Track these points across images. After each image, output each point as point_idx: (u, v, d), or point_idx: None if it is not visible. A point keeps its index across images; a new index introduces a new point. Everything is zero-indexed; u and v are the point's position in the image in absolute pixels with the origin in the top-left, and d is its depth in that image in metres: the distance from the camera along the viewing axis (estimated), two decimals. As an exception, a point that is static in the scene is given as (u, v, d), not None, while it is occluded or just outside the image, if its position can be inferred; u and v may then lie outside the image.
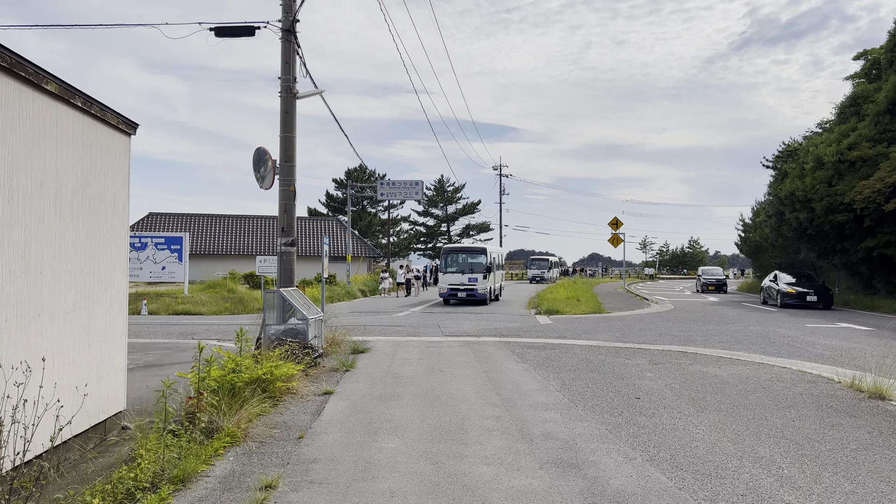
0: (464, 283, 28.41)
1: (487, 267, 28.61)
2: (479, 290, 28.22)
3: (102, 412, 6.42)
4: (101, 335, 6.33)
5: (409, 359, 11.90)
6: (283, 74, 13.17)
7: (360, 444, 6.28)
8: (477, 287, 28.26)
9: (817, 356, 12.33)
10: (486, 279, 28.52)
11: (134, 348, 13.67)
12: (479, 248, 30.78)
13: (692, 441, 6.28)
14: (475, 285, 28.28)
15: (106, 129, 6.45)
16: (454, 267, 29.40)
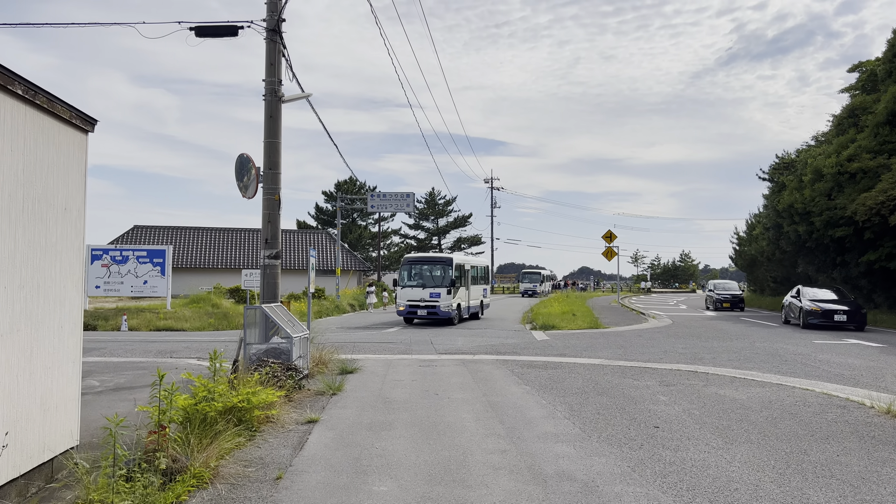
0: (424, 298, 24.16)
1: (452, 280, 24.32)
2: (442, 308, 23.96)
3: (49, 450, 5.54)
4: (48, 361, 5.46)
5: (401, 380, 11.04)
6: (267, 77, 12.39)
7: (346, 487, 5.42)
8: (439, 304, 23.98)
9: (837, 376, 11.57)
10: (451, 294, 24.24)
11: (107, 368, 12.75)
12: (442, 258, 26.16)
13: (730, 482, 5.46)
14: (437, 302, 24.00)
15: (56, 123, 5.61)
16: (414, 281, 25.06)
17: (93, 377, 11.61)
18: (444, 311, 24.03)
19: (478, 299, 28.48)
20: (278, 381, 9.22)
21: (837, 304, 23.40)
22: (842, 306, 23.04)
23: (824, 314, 22.94)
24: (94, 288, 26.41)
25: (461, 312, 25.70)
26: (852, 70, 35.92)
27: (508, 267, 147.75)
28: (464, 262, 27.16)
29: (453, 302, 24.48)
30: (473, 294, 27.72)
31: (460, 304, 25.50)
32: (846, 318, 22.62)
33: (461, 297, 25.69)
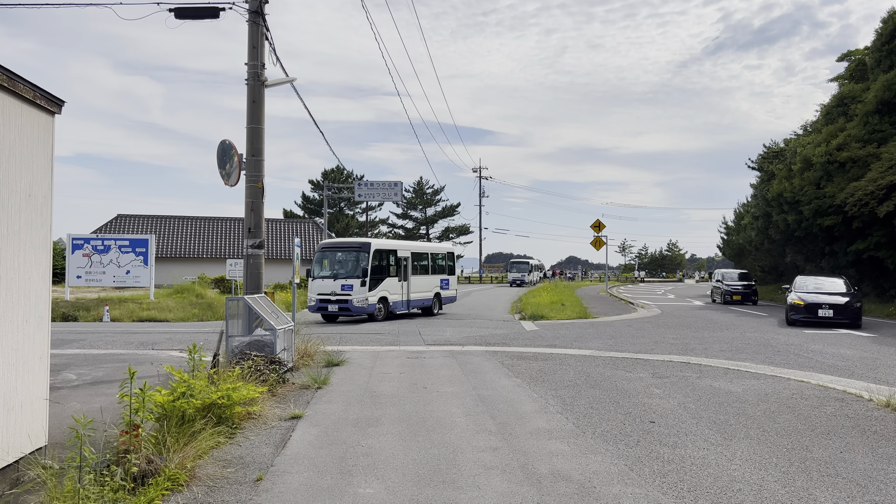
0: (335, 291, 21.01)
1: (366, 270, 20.86)
2: (356, 302, 20.76)
3: (14, 451, 5.21)
4: (10, 357, 5.12)
5: (388, 373, 10.75)
6: (250, 60, 11.99)
7: (330, 489, 5.14)
8: (352, 298, 20.76)
9: (831, 367, 11.40)
10: (367, 286, 20.87)
11: (86, 361, 12.38)
12: (356, 243, 22.55)
13: (733, 482, 5.22)
14: (349, 295, 20.78)
15: (17, 103, 5.25)
16: (327, 270, 21.89)
17: (70, 370, 11.24)
18: (357, 305, 20.85)
19: (430, 291, 24.66)
20: (261, 374, 8.91)
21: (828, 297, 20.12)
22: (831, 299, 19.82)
23: (808, 309, 19.80)
24: (76, 278, 25.91)
25: (391, 307, 22.17)
26: (841, 59, 35.91)
27: (497, 256, 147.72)
28: (397, 247, 23.76)
29: (370, 295, 21.05)
30: (421, 285, 23.99)
31: (386, 298, 21.90)
32: (832, 312, 19.46)
33: (390, 290, 22.02)
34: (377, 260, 21.70)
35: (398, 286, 22.75)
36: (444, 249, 27.72)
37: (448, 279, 26.36)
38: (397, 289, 22.72)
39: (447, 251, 27.60)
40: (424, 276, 24.65)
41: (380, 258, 21.98)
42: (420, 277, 24.21)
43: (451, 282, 26.70)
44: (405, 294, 23.19)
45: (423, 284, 24.24)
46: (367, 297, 21.02)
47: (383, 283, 21.87)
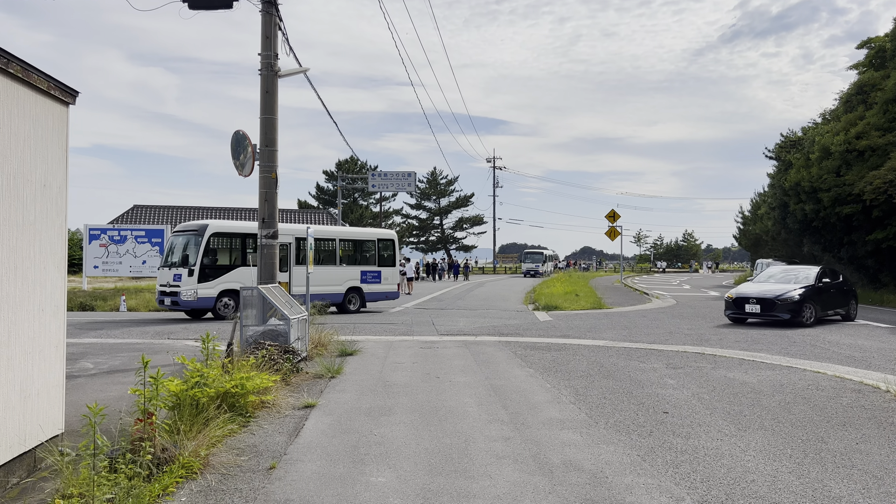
0: (170, 282, 18.58)
1: (194, 257, 18.23)
2: (184, 296, 18.06)
3: (31, 439, 5.28)
4: (27, 346, 5.18)
5: (401, 362, 10.78)
6: (263, 50, 11.99)
7: (343, 477, 5.16)
8: (180, 290, 18.12)
9: (847, 358, 11.29)
10: (195, 277, 18.09)
11: (102, 350, 12.52)
12: (193, 227, 19.29)
13: (746, 473, 5.18)
14: (178, 287, 18.21)
15: (32, 94, 5.28)
16: (170, 258, 19.23)
17: (87, 359, 11.37)
18: (185, 299, 18.16)
19: (338, 284, 21.23)
20: (275, 364, 8.96)
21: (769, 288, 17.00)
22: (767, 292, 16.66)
23: (736, 303, 17.01)
24: (93, 268, 26.18)
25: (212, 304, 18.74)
26: (861, 46, 35.33)
27: (510, 247, 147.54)
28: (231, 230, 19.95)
29: (202, 287, 18.29)
30: (321, 277, 19.90)
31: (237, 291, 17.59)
32: (759, 308, 16.39)
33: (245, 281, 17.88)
34: (219, 245, 19.14)
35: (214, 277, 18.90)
36: (373, 235, 23.17)
37: (379, 272, 22.30)
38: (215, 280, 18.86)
39: (379, 237, 23.08)
40: (329, 266, 21.28)
41: (224, 244, 19.35)
42: (319, 269, 20.23)
43: (388, 274, 22.55)
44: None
45: (324, 277, 20.35)
46: (196, 290, 18.20)
47: (231, 274, 18.90)
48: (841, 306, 17.74)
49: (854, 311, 18.26)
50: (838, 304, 17.65)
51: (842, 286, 18.05)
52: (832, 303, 17.42)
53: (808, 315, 16.25)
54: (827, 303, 17.16)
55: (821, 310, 16.75)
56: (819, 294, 16.85)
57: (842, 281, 18.27)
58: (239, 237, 19.65)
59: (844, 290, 18.02)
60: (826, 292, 17.22)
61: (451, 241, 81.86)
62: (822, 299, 16.86)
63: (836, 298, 17.58)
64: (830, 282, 17.69)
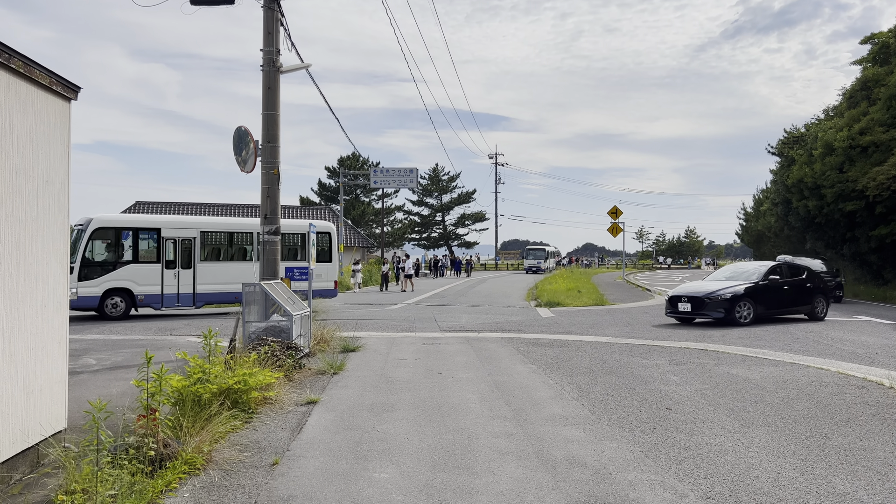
0: None
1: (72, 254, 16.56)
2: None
3: (34, 434, 5.28)
4: (30, 342, 5.17)
5: (404, 359, 10.77)
6: (265, 46, 11.97)
7: (346, 473, 5.15)
8: None
9: (851, 354, 11.26)
10: (75, 275, 16.78)
11: (105, 346, 12.53)
12: (81, 222, 17.97)
13: (750, 469, 5.17)
14: None
15: (34, 89, 5.26)
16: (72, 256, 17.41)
17: (90, 355, 11.38)
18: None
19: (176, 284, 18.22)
20: (277, 360, 8.96)
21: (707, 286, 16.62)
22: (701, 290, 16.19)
23: (671, 302, 16.59)
24: (95, 264, 26.14)
25: (145, 301, 17.91)
26: (864, 42, 35.20)
27: (512, 243, 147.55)
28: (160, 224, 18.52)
29: (84, 286, 17.14)
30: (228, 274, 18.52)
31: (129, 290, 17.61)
32: (690, 307, 15.82)
33: (139, 279, 17.66)
34: (106, 241, 17.83)
35: (162, 275, 18.03)
36: (303, 228, 20.18)
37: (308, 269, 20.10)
38: (156, 278, 17.94)
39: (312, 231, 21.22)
40: (241, 262, 19.44)
41: (112, 239, 17.87)
42: (226, 265, 19.07)
43: (321, 271, 20.04)
44: (181, 285, 18.43)
45: (235, 273, 18.27)
46: (76, 289, 16.88)
47: (119, 272, 17.58)
48: (801, 304, 16.72)
49: (822, 309, 17.02)
50: (797, 301, 16.65)
51: (803, 283, 16.92)
52: (786, 300, 16.48)
53: (745, 314, 15.56)
54: (777, 301, 16.32)
55: (765, 308, 16.02)
56: (763, 292, 16.09)
57: (805, 278, 17.09)
58: (130, 232, 18.03)
59: (808, 288, 16.89)
60: (775, 290, 16.33)
61: (453, 238, 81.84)
62: (767, 297, 16.10)
63: (792, 296, 16.57)
64: (781, 279, 16.60)
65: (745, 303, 15.64)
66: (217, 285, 18.78)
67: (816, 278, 17.40)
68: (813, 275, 17.41)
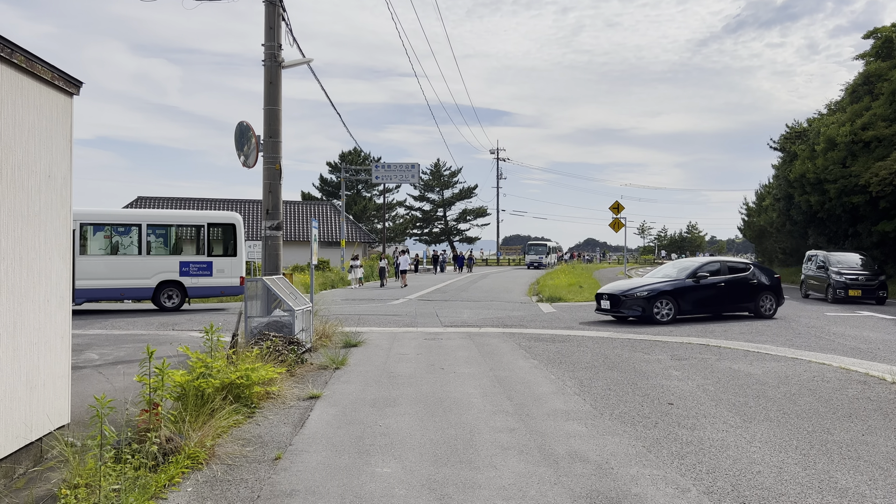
0: None
1: None
2: None
3: (37, 429, 5.29)
4: (33, 337, 5.18)
5: (406, 354, 10.78)
6: (266, 41, 11.95)
7: (348, 468, 5.17)
8: None
9: (853, 350, 11.26)
10: None
11: (107, 341, 12.55)
12: None
13: (752, 464, 5.18)
14: None
15: (37, 84, 5.26)
16: None
17: (92, 350, 11.40)
18: None
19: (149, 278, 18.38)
20: (279, 355, 8.97)
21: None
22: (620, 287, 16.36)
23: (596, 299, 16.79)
24: (97, 260, 26.16)
25: None
26: (867, 36, 35.10)
27: (514, 239, 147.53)
28: None
29: None
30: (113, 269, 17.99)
31: None
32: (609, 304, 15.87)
33: None
34: None
35: None
36: (201, 220, 19.37)
37: (210, 262, 19.02)
38: None
39: (211, 222, 19.42)
40: (128, 256, 18.50)
41: None
42: (112, 260, 18.18)
43: (223, 266, 19.13)
44: None
45: (120, 269, 18.13)
46: None
47: None
48: (742, 301, 16.22)
49: (769, 307, 16.37)
50: (736, 299, 16.18)
51: (745, 281, 16.34)
52: (721, 298, 16.00)
53: (664, 313, 15.19)
54: (708, 299, 15.85)
55: (691, 306, 15.63)
56: (689, 290, 15.66)
57: (747, 275, 16.48)
58: None
59: (751, 286, 16.31)
60: (705, 288, 15.84)
61: (455, 233, 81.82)
62: (693, 296, 15.65)
63: (729, 294, 16.07)
64: (714, 277, 16.08)
65: (666, 301, 15.27)
66: (100, 281, 17.94)
67: (763, 276, 16.69)
68: (759, 273, 16.74)
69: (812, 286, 23.43)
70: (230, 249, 19.50)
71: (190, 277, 18.75)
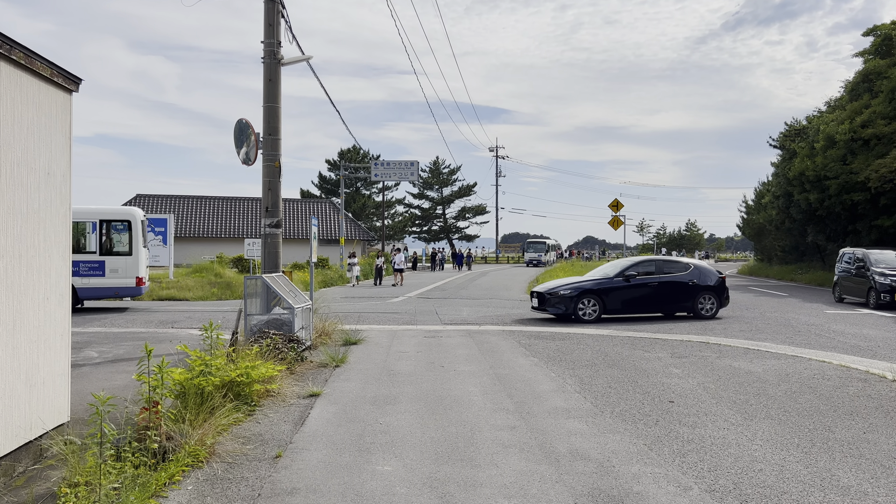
0: None
1: None
2: None
3: (37, 427, 5.27)
4: (32, 334, 5.16)
5: (406, 351, 10.77)
6: (266, 38, 11.92)
7: (349, 466, 5.15)
8: None
9: (853, 347, 11.26)
10: None
11: (107, 339, 12.53)
12: None
13: (754, 462, 5.17)
14: None
15: (35, 81, 5.24)
16: None
17: (91, 348, 11.38)
18: None
19: None
20: (279, 353, 8.96)
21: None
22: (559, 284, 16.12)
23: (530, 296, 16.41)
24: (96, 257, 26.13)
25: None
26: (867, 34, 35.07)
27: (513, 237, 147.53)
28: None
29: None
30: None
31: None
32: (538, 301, 15.74)
33: None
34: None
35: None
36: (93, 216, 17.98)
37: (102, 262, 17.78)
38: None
39: (104, 218, 18.14)
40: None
41: None
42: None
43: (118, 265, 17.90)
44: None
45: None
46: None
47: None
48: (677, 301, 15.70)
49: (709, 308, 15.69)
50: (672, 299, 15.69)
51: (682, 281, 15.77)
52: (655, 298, 15.61)
53: (589, 312, 14.97)
54: (639, 298, 15.51)
55: (620, 305, 15.35)
56: (617, 289, 15.38)
57: (684, 275, 15.88)
58: None
59: (690, 285, 15.70)
60: (636, 288, 15.49)
61: (454, 231, 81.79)
62: (621, 295, 15.36)
63: (663, 294, 15.63)
64: (645, 276, 15.70)
65: (590, 299, 15.07)
66: None
67: (705, 277, 16.02)
68: (700, 273, 16.05)
69: (848, 289, 20.74)
70: (126, 248, 18.27)
71: (80, 278, 17.46)
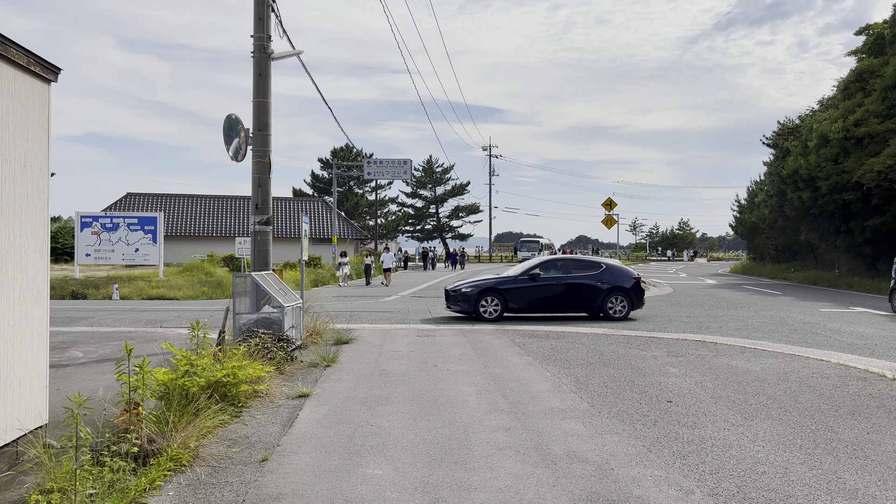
0: None
1: None
2: None
3: (12, 430, 5.06)
4: (7, 334, 4.95)
5: (398, 351, 10.57)
6: (255, 32, 11.70)
7: (338, 470, 4.96)
8: None
9: (850, 346, 11.14)
10: None
11: (93, 339, 12.28)
12: None
13: (756, 464, 5.00)
14: None
15: (11, 70, 5.02)
16: None
17: (77, 348, 11.13)
18: None
19: None
20: (268, 352, 8.75)
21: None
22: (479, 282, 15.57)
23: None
24: (85, 256, 25.87)
25: None
26: (859, 33, 35.09)
27: (506, 236, 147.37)
28: None
29: None
30: None
31: None
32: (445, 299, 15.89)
33: None
34: None
35: None
36: None
37: None
38: None
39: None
40: None
41: None
42: None
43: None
44: None
45: None
46: None
47: None
48: (585, 301, 15.13)
49: (620, 309, 15.08)
50: (580, 298, 15.13)
51: (593, 280, 15.21)
52: (560, 298, 15.14)
53: (490, 310, 14.84)
54: (545, 298, 15.13)
55: (522, 304, 15.06)
56: (521, 288, 15.06)
57: (597, 273, 15.34)
58: None
59: (599, 285, 15.13)
60: (541, 287, 15.12)
61: (447, 230, 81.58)
62: (526, 294, 15.04)
63: (571, 293, 15.12)
64: (551, 275, 15.32)
65: (492, 297, 14.92)
66: None
67: (617, 278, 15.37)
68: (612, 273, 15.41)
69: None
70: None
71: None
